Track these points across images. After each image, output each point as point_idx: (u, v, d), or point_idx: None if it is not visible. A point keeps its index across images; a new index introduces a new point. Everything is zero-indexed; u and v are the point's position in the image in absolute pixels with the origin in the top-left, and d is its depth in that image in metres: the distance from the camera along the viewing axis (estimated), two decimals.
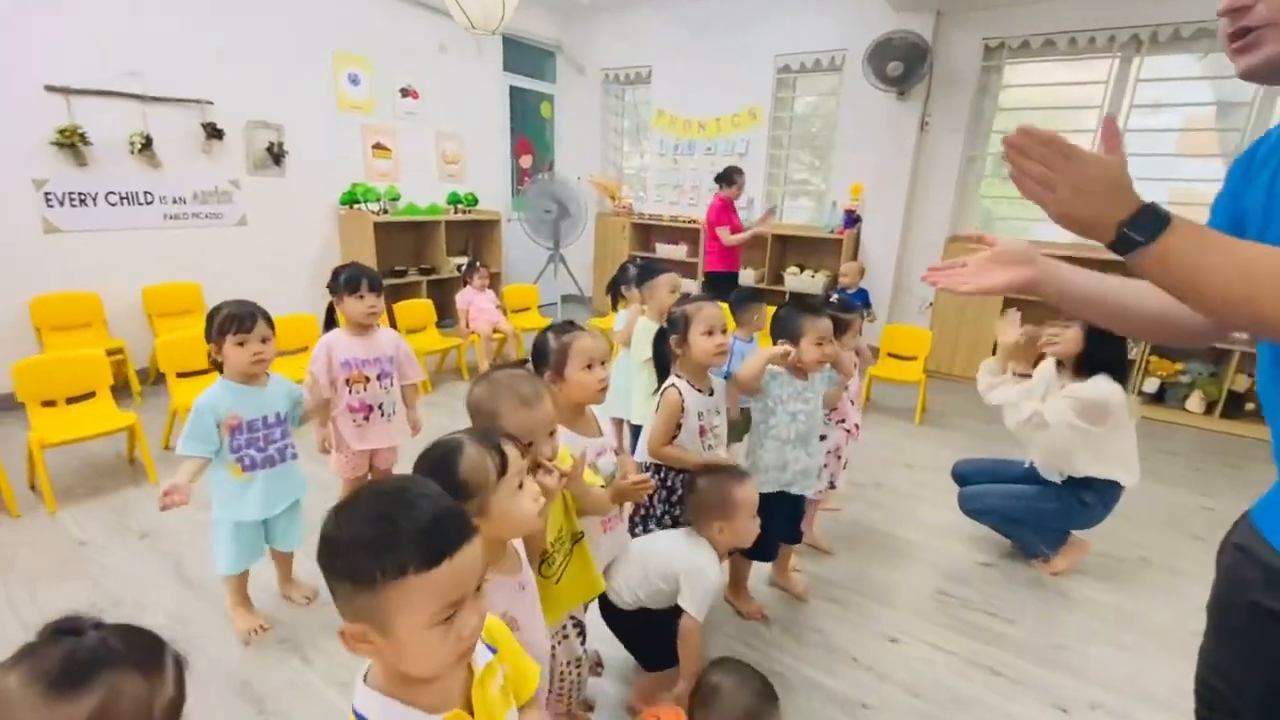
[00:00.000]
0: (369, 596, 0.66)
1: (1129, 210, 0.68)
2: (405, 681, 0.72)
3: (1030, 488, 2.33)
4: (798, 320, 1.85)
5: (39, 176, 3.34)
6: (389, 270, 4.81)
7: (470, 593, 0.71)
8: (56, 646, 0.52)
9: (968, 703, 1.74)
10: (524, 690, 0.88)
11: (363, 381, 2.09)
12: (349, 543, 0.68)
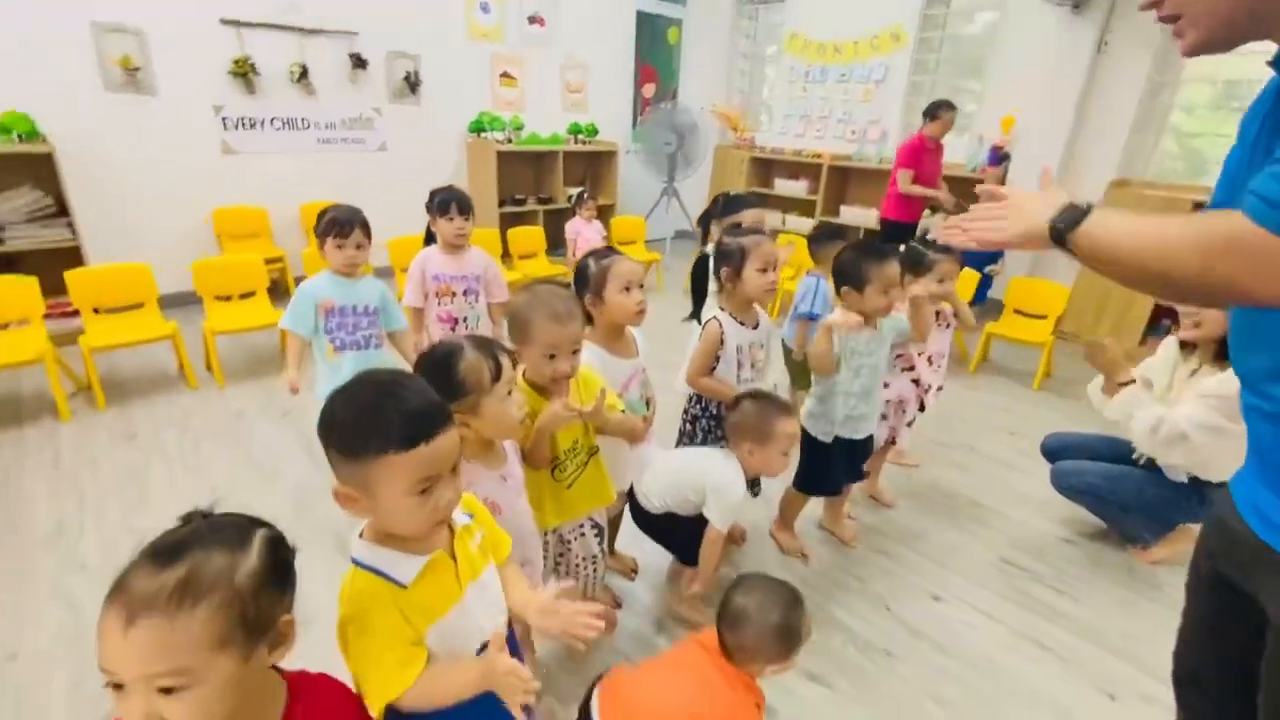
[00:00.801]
0: (356, 467, 0.79)
1: (1055, 210, 0.82)
2: (392, 537, 0.85)
3: (1138, 471, 2.05)
4: (862, 266, 1.74)
5: (218, 103, 3.87)
6: (509, 198, 5.08)
7: (445, 473, 0.82)
8: (173, 531, 0.69)
9: (998, 671, 1.66)
10: (500, 553, 0.99)
11: (450, 295, 2.29)
12: (341, 422, 0.80)
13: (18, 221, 3.21)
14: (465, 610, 0.89)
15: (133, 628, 0.58)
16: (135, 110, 3.63)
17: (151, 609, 0.58)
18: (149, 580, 0.60)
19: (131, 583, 0.60)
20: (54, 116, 3.34)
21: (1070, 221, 0.81)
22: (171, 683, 0.59)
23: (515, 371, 1.08)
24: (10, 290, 2.74)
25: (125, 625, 0.57)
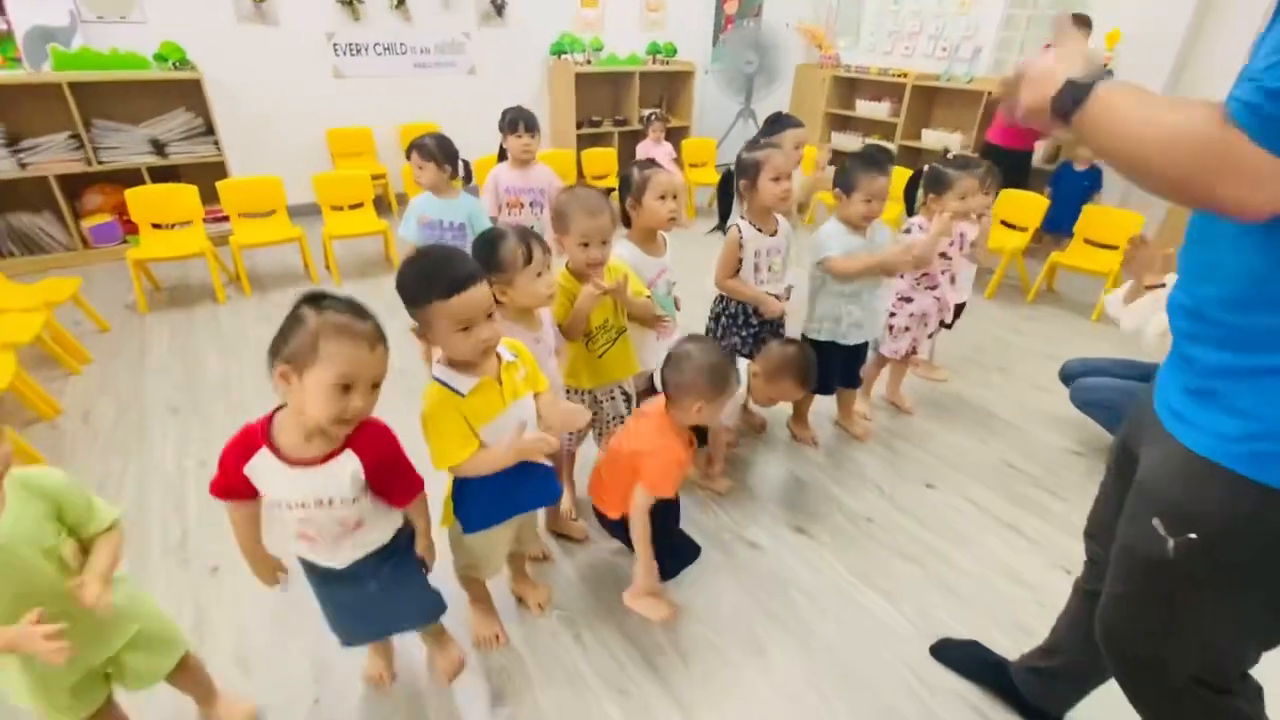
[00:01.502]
0: (419, 312, 1.15)
1: (1057, 87, 0.76)
2: (455, 363, 1.22)
3: None
4: (854, 174, 1.90)
5: (329, 30, 4.29)
6: (586, 120, 5.29)
7: (481, 318, 1.16)
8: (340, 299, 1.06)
9: (969, 542, 1.91)
10: (539, 385, 1.34)
11: (518, 206, 2.63)
12: (406, 283, 1.16)
13: (176, 139, 3.82)
14: (508, 418, 1.25)
15: (373, 351, 0.98)
16: (261, 39, 4.11)
17: (379, 341, 0.99)
18: (370, 324, 1.00)
19: (356, 325, 0.98)
20: (199, 46, 3.87)
21: (1071, 100, 0.75)
22: (378, 381, 1.01)
23: (547, 259, 1.39)
24: (176, 197, 3.35)
25: (371, 348, 0.98)
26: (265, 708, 1.37)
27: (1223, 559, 0.82)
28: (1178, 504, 0.83)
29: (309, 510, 1.04)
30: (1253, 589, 0.83)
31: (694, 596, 1.69)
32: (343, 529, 1.10)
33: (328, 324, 0.95)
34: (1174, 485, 0.84)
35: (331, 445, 1.03)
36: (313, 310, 0.97)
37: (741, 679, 1.48)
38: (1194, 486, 0.81)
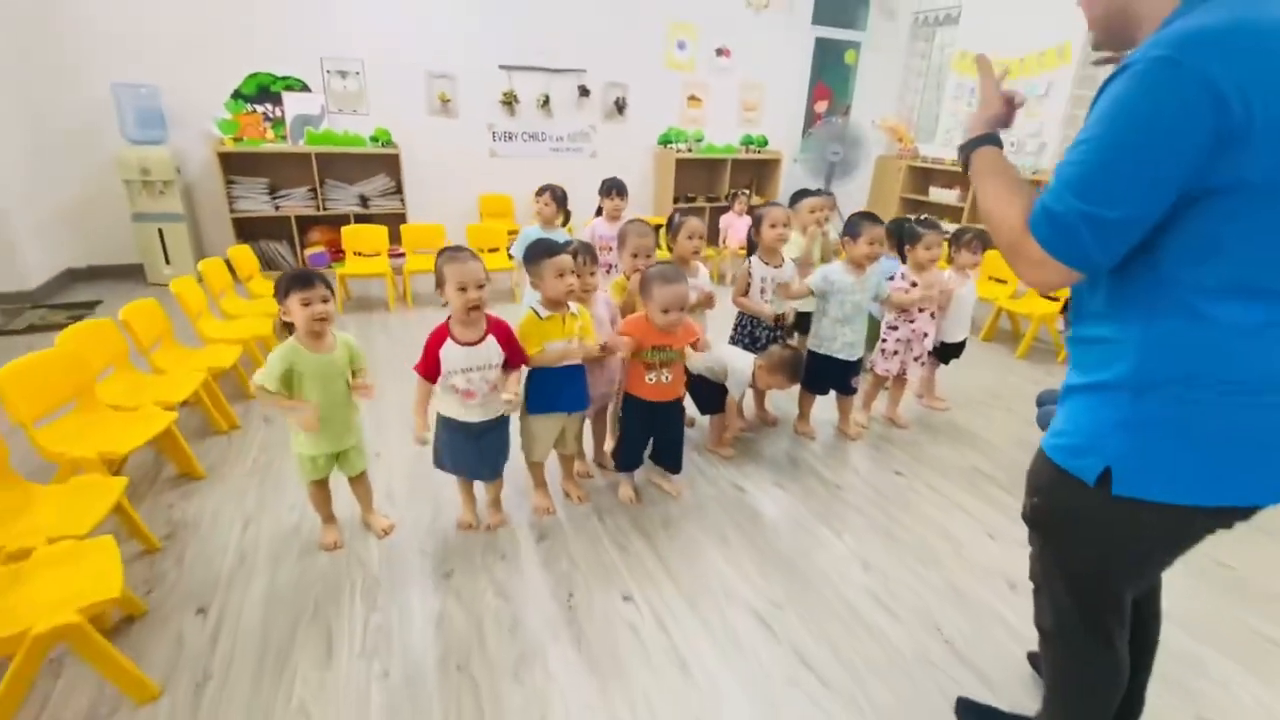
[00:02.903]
0: (534, 269, 2.00)
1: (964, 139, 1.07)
2: (545, 300, 2.05)
3: None
4: (858, 224, 2.60)
5: (490, 122, 5.65)
6: (682, 197, 6.30)
7: (567, 273, 1.99)
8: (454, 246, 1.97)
9: (916, 510, 2.41)
10: (589, 336, 2.13)
11: (607, 249, 3.52)
12: (530, 252, 2.02)
13: (376, 195, 5.20)
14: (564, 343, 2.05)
15: (470, 264, 1.82)
16: (443, 127, 5.52)
17: (474, 258, 1.84)
18: (467, 252, 1.86)
19: (459, 254, 1.84)
20: (400, 130, 5.30)
21: (963, 159, 1.03)
22: (481, 283, 1.84)
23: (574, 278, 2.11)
24: (372, 235, 4.63)
25: (468, 263, 1.82)
26: (399, 524, 2.19)
27: (1045, 517, 1.16)
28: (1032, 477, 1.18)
29: (472, 373, 1.88)
30: (1057, 540, 1.16)
31: (686, 509, 2.34)
32: (488, 386, 1.92)
33: (445, 257, 1.84)
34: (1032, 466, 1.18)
35: (479, 333, 1.89)
36: (440, 258, 1.86)
37: (706, 553, 2.11)
38: (1038, 467, 1.15)
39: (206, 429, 2.74)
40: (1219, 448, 0.95)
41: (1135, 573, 1.16)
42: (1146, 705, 1.36)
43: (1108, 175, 0.89)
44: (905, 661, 1.72)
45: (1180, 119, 0.83)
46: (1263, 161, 0.83)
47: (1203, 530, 1.05)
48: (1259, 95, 0.81)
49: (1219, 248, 0.89)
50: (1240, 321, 0.90)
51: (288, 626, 1.75)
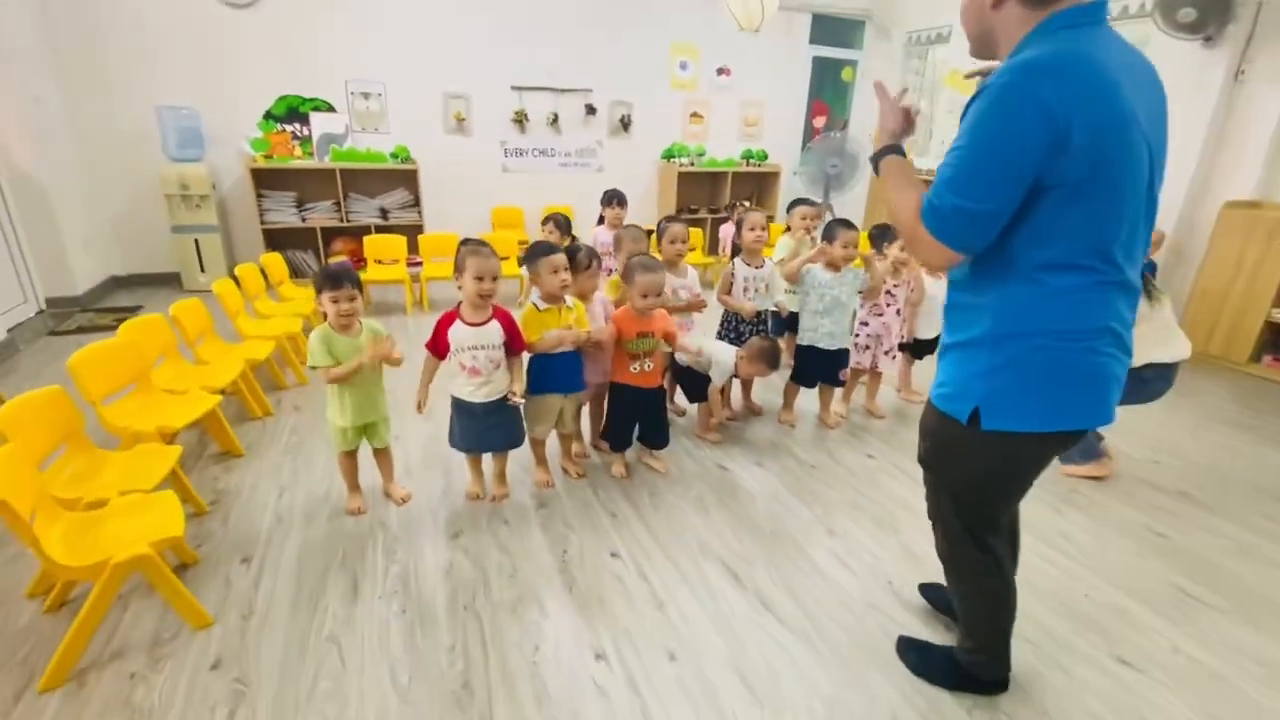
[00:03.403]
0: (532, 264, 2.29)
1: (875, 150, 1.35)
2: (544, 295, 2.33)
3: None
4: (834, 229, 2.86)
5: (503, 139, 5.99)
6: (685, 208, 6.59)
7: (561, 270, 2.27)
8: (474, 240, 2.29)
9: (883, 487, 2.64)
10: (582, 324, 2.40)
11: (607, 253, 3.80)
12: (529, 253, 2.31)
13: (395, 208, 5.55)
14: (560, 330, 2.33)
15: (489, 259, 2.12)
16: (458, 144, 5.87)
17: (493, 254, 2.14)
18: (488, 248, 2.15)
19: (480, 249, 2.14)
20: (418, 147, 5.65)
21: (874, 165, 1.30)
22: (496, 275, 2.14)
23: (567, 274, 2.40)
24: (391, 244, 4.97)
25: (487, 258, 2.12)
26: (415, 495, 2.46)
27: (934, 456, 1.44)
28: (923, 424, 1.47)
29: (478, 350, 2.16)
30: (944, 474, 1.45)
31: (672, 483, 2.59)
32: (492, 365, 2.19)
33: (469, 249, 2.13)
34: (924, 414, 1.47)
35: (486, 315, 2.17)
36: (462, 247, 2.14)
37: (687, 519, 2.36)
38: (926, 414, 1.44)
39: (244, 415, 3.04)
40: (1056, 385, 1.22)
41: (1005, 493, 1.42)
42: (1069, 646, 1.68)
43: (975, 177, 1.14)
44: (856, 606, 1.96)
45: (1024, 131, 1.08)
46: (1076, 165, 1.09)
47: (1051, 451, 1.33)
48: (1076, 111, 1.06)
49: (1051, 232, 1.16)
50: (1066, 287, 1.18)
51: (319, 573, 2.02)
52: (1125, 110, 1.08)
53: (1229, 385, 3.97)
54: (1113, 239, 1.16)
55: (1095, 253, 1.16)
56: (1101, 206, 1.13)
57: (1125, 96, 1.08)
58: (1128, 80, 1.09)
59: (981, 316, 1.25)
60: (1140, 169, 1.14)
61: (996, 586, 1.51)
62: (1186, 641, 1.87)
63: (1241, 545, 2.35)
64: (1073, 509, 2.53)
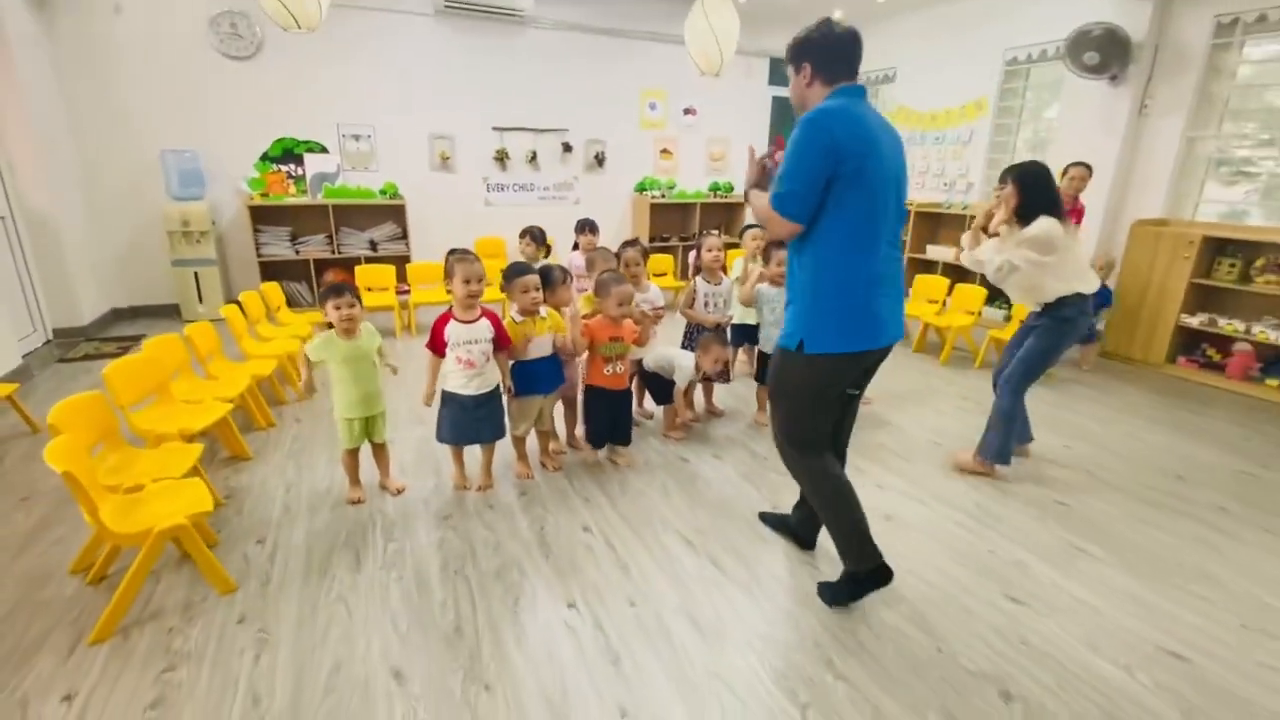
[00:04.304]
0: (508, 283, 2.64)
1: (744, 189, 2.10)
2: (520, 310, 2.68)
3: (1026, 340, 2.85)
4: (770, 249, 3.26)
5: (485, 176, 6.42)
6: (658, 237, 7.02)
7: (533, 287, 2.63)
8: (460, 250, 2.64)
9: None
10: (559, 331, 2.75)
11: (582, 275, 4.18)
12: (506, 273, 2.67)
13: (383, 240, 5.91)
14: (537, 339, 2.67)
15: (475, 264, 2.48)
16: (443, 180, 6.28)
17: (478, 260, 2.51)
18: (473, 255, 2.52)
19: (467, 255, 2.52)
20: (406, 184, 6.05)
21: (745, 196, 2.09)
22: (482, 277, 2.50)
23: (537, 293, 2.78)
24: (381, 273, 5.31)
25: (473, 263, 2.48)
26: (409, 488, 2.76)
27: (778, 385, 2.00)
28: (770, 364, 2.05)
29: (472, 345, 2.50)
30: (785, 397, 2.00)
31: (639, 474, 2.91)
32: (485, 358, 2.53)
33: (456, 256, 2.49)
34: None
35: (475, 314, 2.51)
36: (450, 256, 2.49)
37: (651, 500, 2.68)
38: (773, 357, 2.02)
39: (250, 425, 3.33)
40: (850, 318, 1.84)
41: (822, 405, 1.99)
42: (968, 589, 2.10)
43: (796, 172, 1.77)
44: (790, 562, 2.28)
45: (820, 144, 1.73)
46: (848, 165, 1.73)
47: (851, 368, 1.92)
48: (846, 137, 1.73)
49: (838, 212, 1.77)
50: (848, 250, 1.80)
51: (326, 549, 2.31)
52: (873, 141, 1.76)
53: (1147, 384, 4.39)
54: (877, 219, 1.79)
55: (865, 228, 1.79)
56: (865, 195, 1.76)
57: (875, 135, 1.77)
58: (876, 128, 1.80)
59: (804, 277, 1.87)
60: (887, 178, 1.79)
61: (833, 486, 2.01)
62: (1072, 584, 2.22)
63: (1132, 513, 2.71)
64: (986, 484, 2.90)
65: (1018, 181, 2.70)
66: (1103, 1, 4.81)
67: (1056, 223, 2.63)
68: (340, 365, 2.49)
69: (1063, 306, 2.73)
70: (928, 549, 2.40)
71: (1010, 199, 2.73)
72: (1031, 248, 2.65)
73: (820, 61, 1.85)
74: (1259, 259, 4.28)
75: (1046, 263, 2.65)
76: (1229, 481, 3.02)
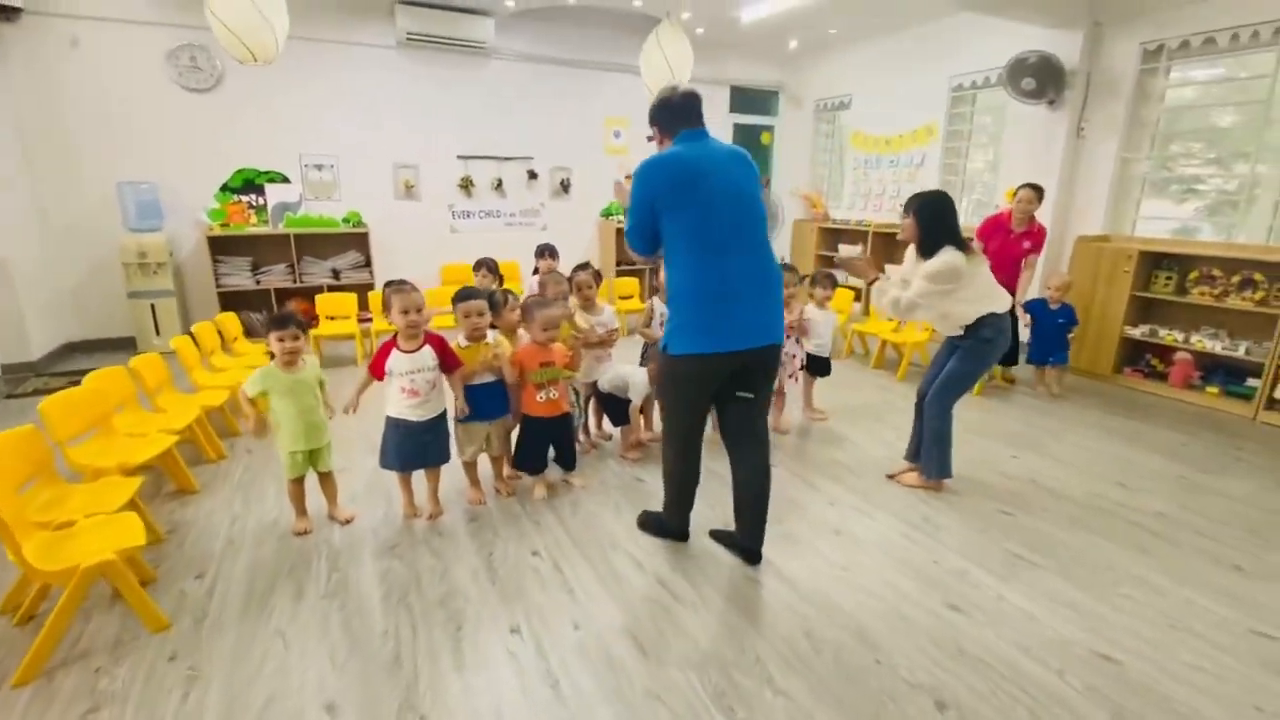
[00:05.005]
0: (456, 306, 2.66)
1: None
2: (466, 336, 2.69)
3: (948, 361, 2.91)
4: None
5: (451, 203, 6.46)
6: (624, 261, 7.10)
7: (475, 312, 2.65)
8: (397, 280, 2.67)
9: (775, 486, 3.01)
10: (504, 356, 2.77)
11: None
12: (453, 300, 2.69)
13: (346, 269, 5.90)
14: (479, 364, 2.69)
15: (412, 294, 2.50)
16: (408, 209, 6.31)
17: (415, 290, 2.52)
18: (410, 285, 2.54)
19: (403, 286, 2.53)
20: (370, 212, 6.07)
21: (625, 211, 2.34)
22: (420, 307, 2.51)
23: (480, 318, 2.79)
24: (342, 301, 5.29)
25: (409, 293, 2.51)
26: (358, 517, 2.73)
27: (660, 383, 2.32)
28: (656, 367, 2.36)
29: (414, 374, 2.49)
30: (664, 392, 2.31)
31: (593, 494, 2.91)
32: (429, 386, 2.53)
33: (392, 288, 2.50)
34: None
35: (418, 343, 2.52)
36: (386, 288, 2.51)
37: (602, 520, 2.68)
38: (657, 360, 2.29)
39: (200, 458, 3.27)
40: (700, 322, 2.11)
41: (691, 404, 2.27)
42: (909, 598, 2.13)
43: (631, 211, 2.19)
44: (735, 578, 2.30)
45: (642, 190, 2.13)
46: (669, 200, 2.09)
47: (711, 369, 2.15)
48: (663, 179, 2.10)
49: (674, 235, 2.12)
50: (693, 264, 2.10)
51: (268, 583, 2.27)
52: (699, 171, 2.08)
53: (1095, 395, 4.52)
54: (713, 233, 2.07)
55: (703, 243, 2.08)
56: (696, 215, 2.07)
57: (704, 165, 2.09)
58: (709, 158, 2.11)
59: (668, 290, 2.21)
60: (725, 194, 2.08)
61: (681, 474, 2.41)
62: (1011, 593, 2.26)
63: (1074, 520, 2.78)
64: (934, 497, 2.95)
65: (915, 214, 2.71)
66: (1039, 31, 5.05)
67: (957, 254, 2.64)
68: (282, 398, 2.47)
69: (981, 328, 2.77)
70: (873, 562, 2.43)
71: (909, 230, 2.75)
72: (934, 281, 2.66)
73: (665, 122, 2.23)
74: (1193, 271, 4.46)
75: (950, 291, 2.69)
76: (1168, 487, 3.11)
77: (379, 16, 5.86)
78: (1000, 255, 4.37)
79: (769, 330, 2.17)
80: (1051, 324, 4.46)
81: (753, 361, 2.18)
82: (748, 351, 2.14)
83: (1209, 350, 4.30)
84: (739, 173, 2.16)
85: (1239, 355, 4.17)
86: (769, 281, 2.17)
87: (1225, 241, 4.52)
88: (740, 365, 2.17)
